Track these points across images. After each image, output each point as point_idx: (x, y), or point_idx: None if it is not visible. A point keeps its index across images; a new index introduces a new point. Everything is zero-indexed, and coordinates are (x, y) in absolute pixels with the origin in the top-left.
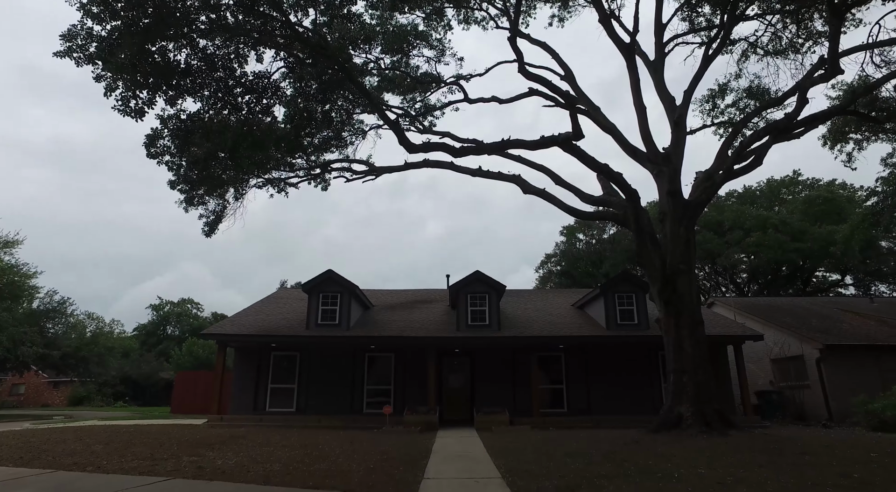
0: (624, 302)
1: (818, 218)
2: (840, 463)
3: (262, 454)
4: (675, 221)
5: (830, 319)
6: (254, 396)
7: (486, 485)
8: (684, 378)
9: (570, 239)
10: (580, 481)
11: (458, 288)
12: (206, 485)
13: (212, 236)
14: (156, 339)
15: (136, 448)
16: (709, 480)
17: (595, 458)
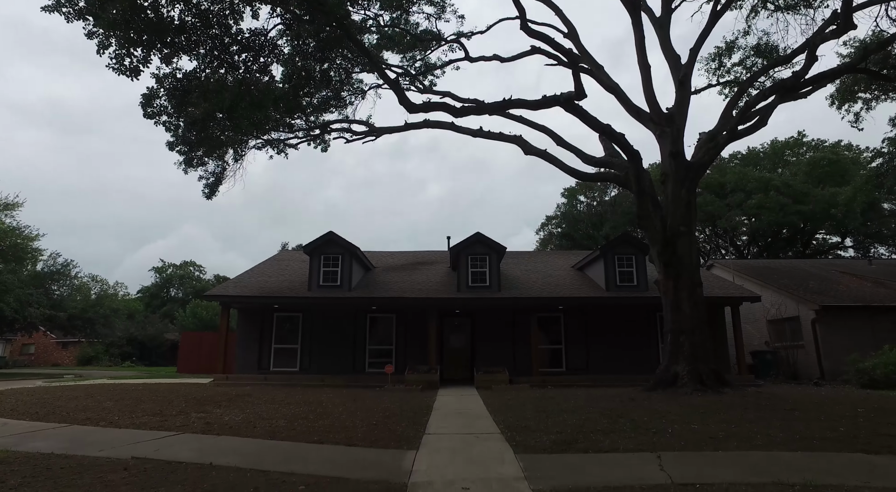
0: (623, 264)
1: (821, 180)
2: (828, 418)
3: (268, 411)
4: (677, 183)
5: (828, 281)
6: (258, 356)
7: (486, 440)
8: (681, 338)
9: (571, 201)
10: (576, 436)
11: (459, 249)
12: (214, 439)
13: (212, 198)
14: (160, 301)
15: (145, 405)
16: (701, 434)
17: (591, 414)
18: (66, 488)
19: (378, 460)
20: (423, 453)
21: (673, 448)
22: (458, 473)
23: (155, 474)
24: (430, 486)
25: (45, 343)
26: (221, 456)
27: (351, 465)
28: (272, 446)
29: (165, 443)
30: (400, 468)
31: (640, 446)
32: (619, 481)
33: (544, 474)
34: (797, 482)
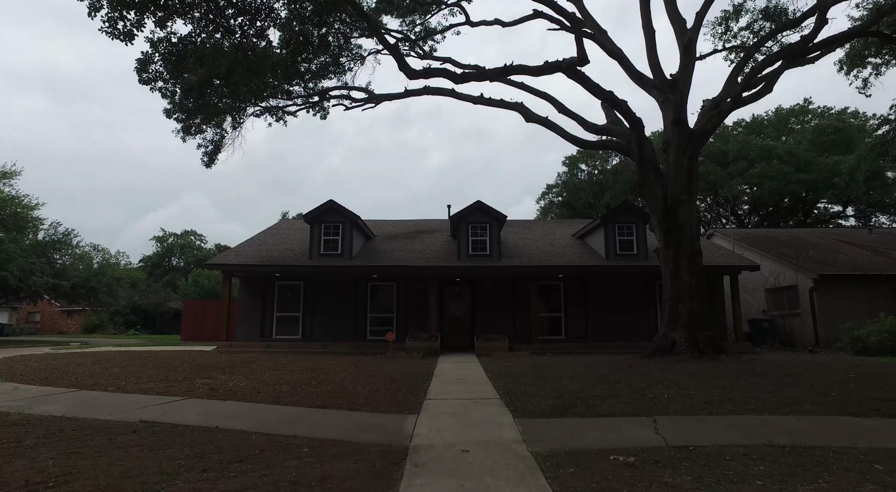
0: (624, 232)
1: (826, 148)
2: (820, 383)
3: (271, 378)
4: (679, 151)
5: (827, 250)
6: (260, 324)
7: (485, 405)
8: (679, 306)
9: (573, 169)
10: (574, 401)
11: (459, 218)
12: (220, 404)
13: (211, 167)
14: (162, 270)
15: (150, 371)
16: (696, 399)
17: (589, 380)
18: (79, 448)
19: (380, 424)
20: (423, 418)
21: (668, 413)
22: (458, 436)
23: (163, 436)
24: (430, 448)
25: (50, 311)
26: (227, 420)
27: (353, 429)
28: (276, 410)
29: (172, 407)
30: (401, 432)
31: (637, 411)
32: (615, 444)
33: (542, 438)
34: (787, 444)
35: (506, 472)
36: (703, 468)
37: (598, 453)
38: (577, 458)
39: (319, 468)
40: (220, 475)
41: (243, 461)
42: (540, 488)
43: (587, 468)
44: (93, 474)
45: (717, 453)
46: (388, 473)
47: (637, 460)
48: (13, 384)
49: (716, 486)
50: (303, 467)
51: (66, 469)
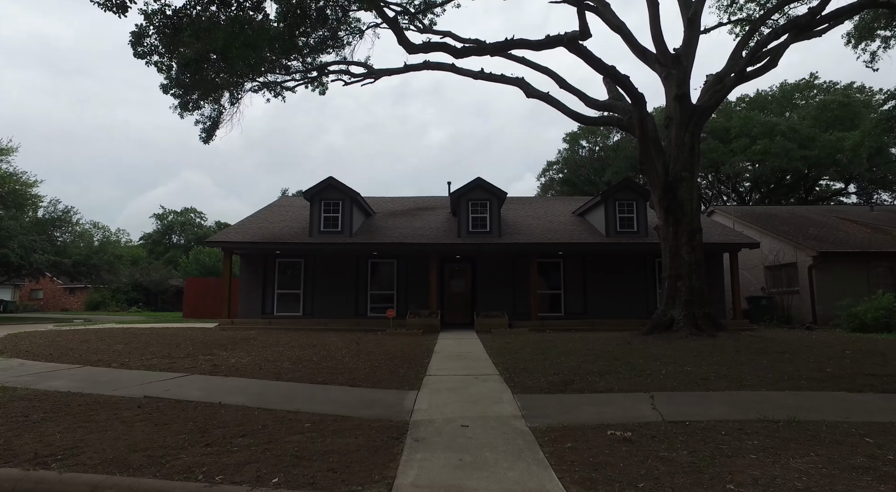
0: (624, 209)
1: (830, 125)
2: (816, 360)
3: (273, 354)
4: (681, 127)
5: (827, 228)
6: (261, 301)
7: (485, 381)
8: (679, 283)
9: (573, 146)
10: (573, 377)
11: (459, 195)
12: (222, 380)
13: (209, 143)
14: (162, 248)
15: (153, 348)
16: (693, 376)
17: (588, 357)
18: (85, 423)
19: (381, 399)
20: (423, 393)
21: (666, 389)
22: (458, 411)
23: (167, 412)
24: (430, 423)
25: (52, 289)
26: (229, 396)
27: (354, 404)
28: (278, 386)
29: (175, 383)
30: (402, 407)
31: (634, 387)
32: (612, 419)
33: (541, 413)
34: (781, 419)
35: (504, 446)
36: (698, 443)
37: (596, 428)
38: (575, 433)
39: (321, 443)
40: (224, 450)
41: (246, 436)
42: (538, 462)
43: (585, 443)
44: (99, 448)
45: (713, 427)
46: (389, 447)
47: (634, 435)
48: (19, 360)
49: (710, 460)
50: (305, 442)
51: (74, 443)
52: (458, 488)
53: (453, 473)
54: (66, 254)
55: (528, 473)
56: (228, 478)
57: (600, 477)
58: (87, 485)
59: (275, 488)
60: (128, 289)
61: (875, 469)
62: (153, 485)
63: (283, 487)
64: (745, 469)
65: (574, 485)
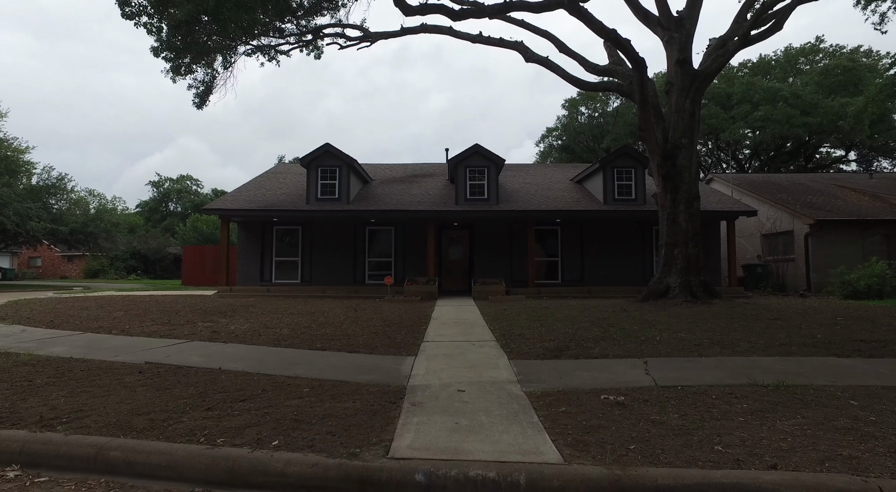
0: (623, 177)
1: (833, 90)
2: (808, 326)
3: (271, 321)
4: (682, 93)
5: (826, 195)
6: (259, 268)
7: (481, 347)
8: (675, 251)
9: (573, 112)
10: (568, 344)
11: (457, 161)
12: (222, 346)
13: (203, 108)
14: (159, 215)
15: (153, 315)
16: (687, 342)
17: (584, 324)
18: (88, 387)
19: (378, 365)
20: (420, 359)
21: (659, 355)
22: (454, 376)
23: (168, 377)
24: (427, 388)
25: (50, 256)
26: (229, 361)
27: (352, 369)
28: (277, 352)
29: (175, 349)
30: (399, 372)
31: (629, 353)
32: (606, 384)
33: (536, 378)
34: (770, 383)
35: (500, 410)
36: (689, 407)
37: (590, 392)
38: (569, 397)
39: (320, 407)
40: (225, 413)
41: (246, 400)
42: (532, 425)
43: (578, 407)
44: (103, 411)
45: (704, 392)
46: (386, 411)
47: (627, 399)
48: (20, 327)
49: (700, 422)
50: (304, 406)
51: (77, 406)
52: (454, 450)
53: (450, 436)
54: (63, 221)
55: (522, 436)
56: (229, 441)
57: (592, 439)
58: (92, 447)
59: (275, 450)
60: (126, 257)
61: (857, 430)
62: (156, 447)
63: (282, 449)
64: (733, 431)
65: (567, 447)
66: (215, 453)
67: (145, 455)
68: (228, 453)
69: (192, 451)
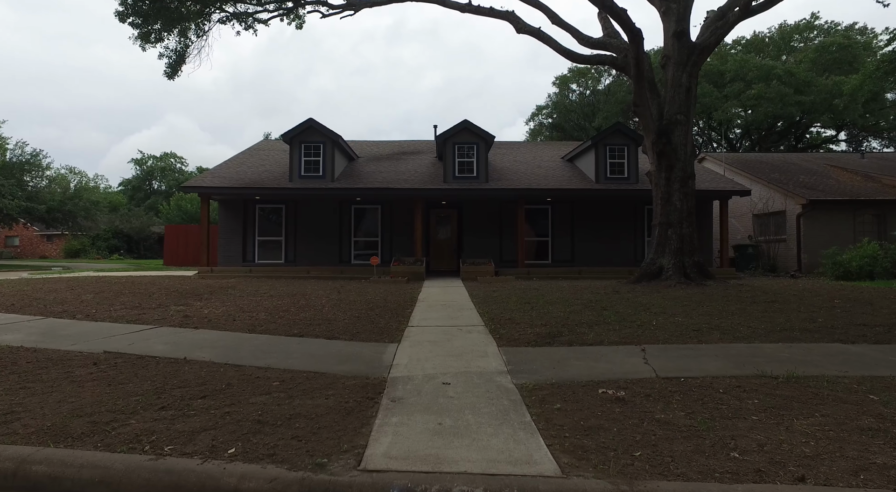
0: (615, 155)
1: (827, 68)
2: (807, 309)
3: (250, 304)
4: (678, 66)
5: (818, 175)
6: (242, 248)
7: (469, 332)
8: (669, 231)
9: (563, 90)
10: (561, 329)
11: (445, 138)
12: (191, 333)
13: (174, 78)
14: (143, 194)
15: (125, 298)
16: (685, 327)
17: (576, 307)
18: (30, 383)
19: (358, 353)
20: (404, 347)
21: (657, 341)
22: (439, 366)
23: (125, 369)
24: (409, 380)
25: (28, 236)
26: (197, 350)
27: (330, 359)
28: (250, 339)
29: (141, 337)
30: (380, 362)
31: (625, 339)
32: (603, 375)
33: (527, 368)
34: (780, 374)
35: (488, 408)
36: (695, 402)
37: (586, 385)
38: (564, 391)
39: (288, 405)
40: (180, 413)
41: (207, 397)
42: (524, 426)
43: (575, 403)
44: (39, 413)
45: (710, 385)
46: (363, 409)
47: (627, 394)
48: None
49: (710, 422)
50: (270, 404)
51: (10, 407)
52: (436, 458)
53: (431, 440)
54: (39, 199)
55: (513, 439)
56: (179, 448)
57: (593, 444)
58: (12, 460)
59: (229, 461)
60: (108, 236)
61: (885, 431)
62: (90, 459)
63: (239, 458)
64: (747, 433)
65: (564, 454)
66: (159, 465)
67: (76, 470)
68: (174, 466)
69: (132, 463)
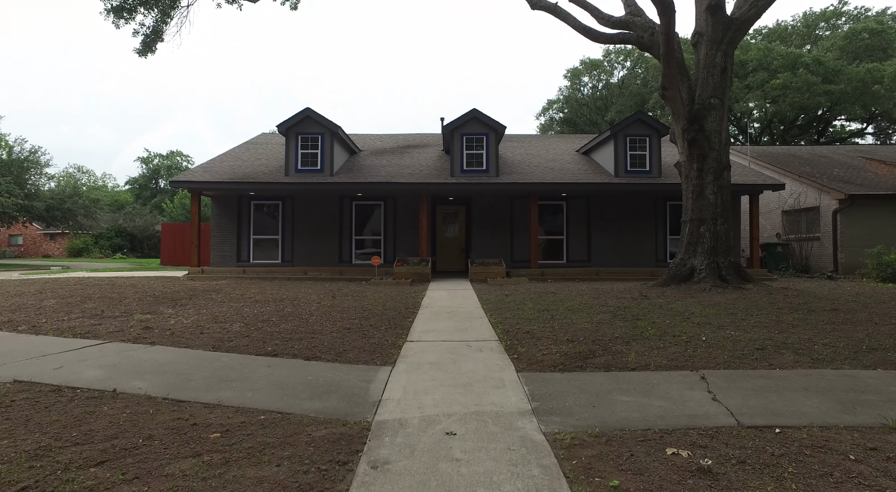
0: (636, 147)
1: (858, 56)
2: (881, 320)
3: (228, 311)
4: (712, 45)
5: (854, 169)
6: (236, 247)
7: (480, 350)
8: (702, 228)
9: (575, 83)
10: (593, 346)
11: (453, 129)
12: (142, 351)
13: (147, 56)
14: (150, 192)
15: (90, 304)
16: (742, 344)
17: (604, 315)
18: None
19: (340, 381)
20: (399, 371)
21: (716, 364)
22: (442, 403)
23: (20, 411)
24: (401, 428)
25: (32, 234)
26: (136, 377)
27: (302, 390)
28: (211, 360)
29: (77, 357)
30: (365, 396)
31: (675, 362)
32: (663, 420)
33: (558, 406)
34: None
35: (512, 484)
36: (821, 479)
37: (644, 439)
38: (616, 449)
39: (218, 481)
40: None
41: (104, 464)
42: None
43: (638, 476)
44: None
45: (824, 444)
46: (328, 484)
47: (712, 461)
48: None
49: None
50: (192, 477)
51: None
52: None
53: None
54: (38, 197)
55: None
56: None
57: None
58: None
59: None
60: (111, 235)
61: None
62: None
63: None
64: None
65: None
66: None
67: None
68: None
69: None
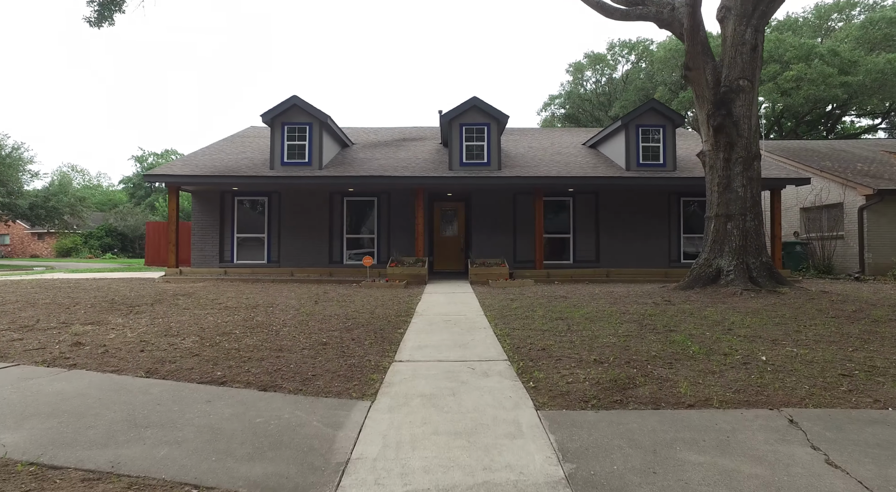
0: (649, 138)
1: (875, 47)
2: None
3: (187, 321)
4: (741, 19)
5: (878, 163)
6: (219, 246)
7: (486, 374)
8: (729, 225)
9: (577, 78)
10: (629, 371)
11: (451, 119)
12: (48, 379)
13: (101, 26)
14: (144, 191)
15: (28, 311)
16: (819, 366)
17: (629, 325)
18: None
19: (299, 426)
20: (380, 410)
21: (799, 398)
22: (436, 467)
23: None
24: None
25: (19, 234)
26: (13, 424)
27: (243, 441)
28: (136, 391)
29: None
30: (329, 453)
31: (742, 394)
32: None
33: (603, 471)
34: None
35: None
36: None
37: None
38: None
39: None
40: None
41: None
42: None
43: None
44: None
45: None
46: None
47: None
48: None
49: None
50: None
51: None
52: None
53: None
54: (21, 195)
55: None
56: None
57: None
58: None
59: None
60: (101, 234)
61: None
62: None
63: None
64: None
65: None
66: None
67: None
68: None
69: None
